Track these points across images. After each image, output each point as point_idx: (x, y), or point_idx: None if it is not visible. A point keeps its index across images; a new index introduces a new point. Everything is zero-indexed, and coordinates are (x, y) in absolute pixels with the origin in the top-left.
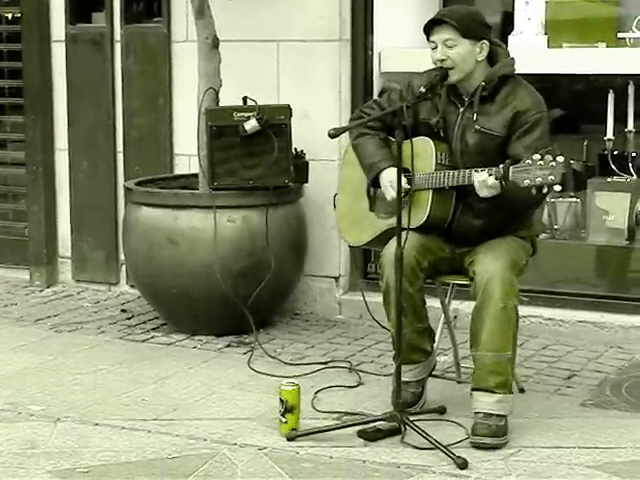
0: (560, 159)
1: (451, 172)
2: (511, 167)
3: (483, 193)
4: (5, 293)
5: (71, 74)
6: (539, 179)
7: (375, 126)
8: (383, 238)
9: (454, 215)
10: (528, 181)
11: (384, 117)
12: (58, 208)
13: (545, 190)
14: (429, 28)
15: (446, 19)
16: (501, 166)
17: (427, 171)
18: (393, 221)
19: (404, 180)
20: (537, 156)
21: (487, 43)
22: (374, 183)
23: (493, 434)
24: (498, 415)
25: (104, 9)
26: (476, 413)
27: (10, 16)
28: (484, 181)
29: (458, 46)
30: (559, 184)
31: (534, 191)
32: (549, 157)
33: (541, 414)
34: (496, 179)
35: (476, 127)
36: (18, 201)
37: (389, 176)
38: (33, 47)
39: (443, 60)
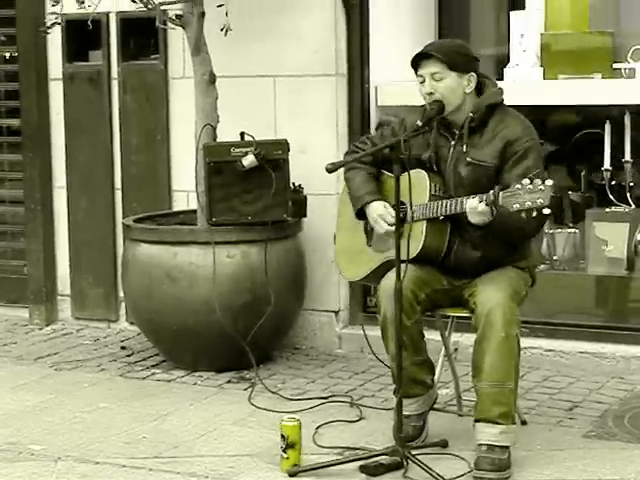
0: (549, 182)
1: (444, 201)
2: (500, 192)
3: (475, 220)
4: (4, 332)
5: (69, 112)
6: (528, 203)
7: (366, 160)
8: (379, 272)
9: (452, 247)
10: (517, 205)
11: (378, 152)
12: (57, 246)
13: (534, 214)
14: (416, 62)
15: (432, 52)
16: (491, 192)
17: (421, 202)
18: (389, 254)
19: (392, 213)
20: (526, 180)
21: (474, 75)
22: (359, 216)
23: (497, 468)
24: (501, 447)
25: (101, 47)
26: (479, 445)
27: (7, 55)
28: (475, 207)
29: (446, 79)
30: (548, 207)
31: (524, 215)
32: (538, 181)
33: (543, 446)
34: (486, 205)
35: (468, 159)
36: (17, 239)
37: (377, 210)
38: (30, 86)
39: (431, 93)
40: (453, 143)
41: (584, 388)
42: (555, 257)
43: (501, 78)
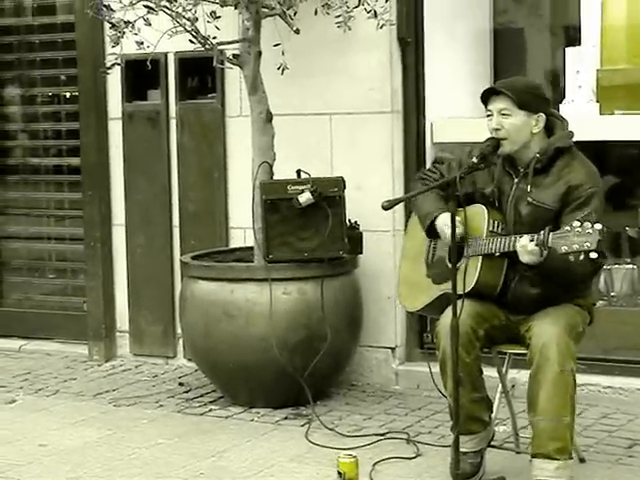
0: (598, 226)
1: (498, 238)
2: (551, 233)
3: (524, 259)
4: (64, 368)
5: (127, 150)
6: (575, 245)
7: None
8: (437, 304)
9: (510, 283)
10: (565, 247)
11: (438, 188)
12: (116, 283)
13: (582, 257)
14: (486, 97)
15: (503, 89)
16: (542, 232)
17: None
18: (446, 286)
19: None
20: (577, 223)
21: (543, 116)
22: (429, 233)
23: None
24: None
25: (159, 86)
26: None
27: (68, 95)
28: (524, 246)
29: (513, 117)
30: (594, 251)
31: (572, 257)
32: (587, 224)
33: None
34: (536, 245)
35: (529, 199)
36: (77, 276)
37: (446, 219)
38: (90, 125)
39: (497, 129)
40: (516, 181)
41: None
42: (613, 293)
43: None
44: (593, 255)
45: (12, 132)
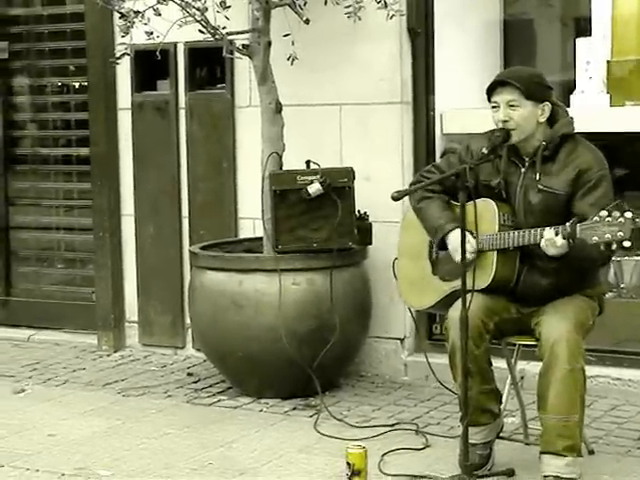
0: (628, 215)
1: (516, 232)
2: (578, 225)
3: (550, 252)
4: (73, 358)
5: (137, 141)
6: (608, 235)
7: (436, 189)
8: (448, 301)
9: (520, 275)
10: (596, 238)
11: (446, 179)
12: (125, 273)
13: (614, 247)
14: (492, 89)
15: (510, 80)
16: (568, 224)
17: (490, 232)
18: (458, 283)
19: (472, 242)
20: (604, 212)
21: (549, 105)
22: (440, 245)
23: None
24: (568, 479)
25: (169, 76)
26: (545, 477)
27: (77, 85)
28: (551, 240)
29: (521, 107)
30: (628, 240)
31: (602, 247)
32: (617, 213)
33: (612, 476)
34: (563, 237)
35: (539, 187)
36: (86, 266)
37: (458, 238)
38: (100, 115)
39: (506, 121)
40: (523, 170)
41: None
42: (622, 285)
43: (567, 105)
44: (627, 244)
45: (21, 122)
